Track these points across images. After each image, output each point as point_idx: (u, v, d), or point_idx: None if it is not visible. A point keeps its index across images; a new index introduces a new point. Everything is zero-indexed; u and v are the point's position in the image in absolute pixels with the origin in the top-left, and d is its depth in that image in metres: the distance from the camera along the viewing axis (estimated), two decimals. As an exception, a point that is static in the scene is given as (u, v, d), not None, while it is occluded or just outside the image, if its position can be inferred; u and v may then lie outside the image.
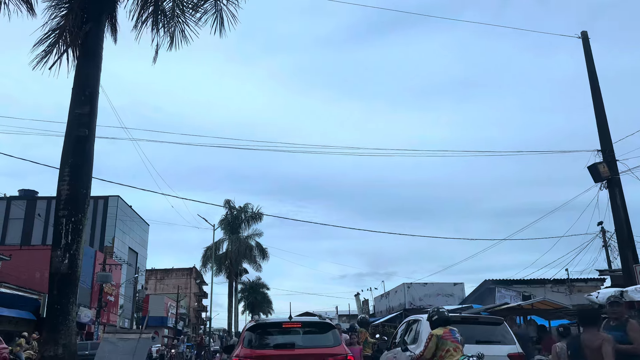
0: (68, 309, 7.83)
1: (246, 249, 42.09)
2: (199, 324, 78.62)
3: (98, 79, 9.13)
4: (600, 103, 15.80)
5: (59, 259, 7.92)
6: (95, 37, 9.19)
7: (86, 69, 8.99)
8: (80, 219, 8.22)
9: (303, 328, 7.38)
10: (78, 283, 8.13)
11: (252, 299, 57.29)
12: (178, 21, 11.93)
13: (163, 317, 57.43)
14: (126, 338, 12.64)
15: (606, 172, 15.04)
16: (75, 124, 8.59)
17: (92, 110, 8.76)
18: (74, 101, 8.75)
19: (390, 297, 38.29)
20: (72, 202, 8.21)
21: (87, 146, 8.61)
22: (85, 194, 8.46)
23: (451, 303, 30.47)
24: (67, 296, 7.87)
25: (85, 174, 8.52)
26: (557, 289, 26.55)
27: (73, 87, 8.89)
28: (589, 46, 17.03)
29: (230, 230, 42.76)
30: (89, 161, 8.68)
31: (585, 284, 27.56)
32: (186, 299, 71.67)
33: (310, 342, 7.15)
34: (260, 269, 44.16)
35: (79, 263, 8.14)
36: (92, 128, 8.75)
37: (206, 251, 41.90)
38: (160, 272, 78.51)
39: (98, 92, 9.05)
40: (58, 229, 8.09)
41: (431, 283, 34.36)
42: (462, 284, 33.60)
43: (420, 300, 32.78)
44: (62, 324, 7.71)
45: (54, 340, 7.59)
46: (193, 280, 79.59)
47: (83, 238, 8.28)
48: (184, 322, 67.20)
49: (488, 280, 27.25)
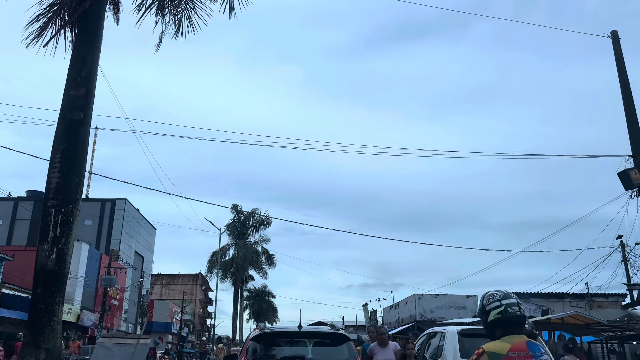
0: (53, 309, 7.03)
1: (253, 255, 41.29)
2: (203, 330, 77.67)
3: (97, 60, 8.42)
4: (631, 103, 14.92)
5: (46, 253, 7.14)
6: (95, 14, 8.48)
7: (84, 48, 8.28)
8: (71, 210, 7.45)
9: (314, 339, 6.63)
10: (66, 281, 7.33)
11: (257, 307, 56.38)
12: (186, 7, 11.27)
13: (168, 323, 56.65)
14: (123, 343, 11.84)
15: (638, 179, 14.11)
16: (70, 106, 7.86)
17: (88, 93, 8.03)
18: (69, 82, 8.03)
19: (400, 308, 37.20)
20: (63, 192, 7.44)
21: (81, 131, 7.86)
22: (78, 182, 7.69)
23: (464, 316, 29.38)
24: (53, 295, 7.08)
25: (79, 161, 7.77)
26: (576, 304, 25.44)
27: (69, 67, 8.17)
28: (619, 46, 16.21)
29: (237, 235, 42.01)
30: (83, 148, 7.92)
31: (606, 299, 26.46)
32: (191, 305, 70.84)
33: (323, 355, 6.39)
34: (266, 276, 43.37)
35: (68, 259, 7.36)
36: (87, 112, 8.01)
37: (212, 256, 41.15)
38: (166, 277, 77.89)
39: (96, 74, 8.34)
40: (46, 220, 7.32)
41: (443, 295, 33.27)
42: (475, 297, 32.44)
43: (432, 312, 31.69)
44: (46, 326, 6.91)
45: (36, 343, 6.78)
46: (199, 286, 78.83)
47: (74, 231, 7.50)
48: (188, 329, 66.30)
49: (504, 292, 26.16)
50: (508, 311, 2.96)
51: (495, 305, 3.02)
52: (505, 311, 2.97)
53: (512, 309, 2.98)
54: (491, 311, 3.01)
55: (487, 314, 3.03)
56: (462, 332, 7.99)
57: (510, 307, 2.98)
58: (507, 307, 2.99)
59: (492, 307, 3.02)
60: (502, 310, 2.98)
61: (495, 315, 3.00)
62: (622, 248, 27.92)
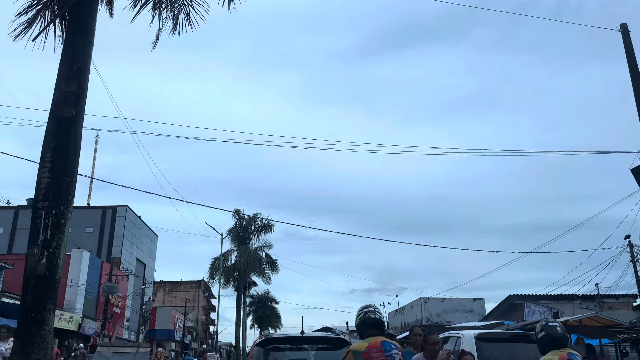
0: (44, 317, 6.57)
1: (255, 260, 40.77)
2: (206, 337, 77.05)
3: (89, 54, 8.00)
4: (644, 97, 14.46)
5: (36, 257, 6.69)
6: (87, 7, 8.06)
7: (75, 42, 7.86)
8: (63, 211, 7.01)
9: (316, 344, 6.88)
10: (57, 287, 6.87)
11: (260, 313, 55.82)
12: (183, 3, 10.91)
13: (170, 330, 56.08)
14: (122, 352, 11.35)
15: (654, 175, 13.64)
16: (61, 103, 7.43)
17: (80, 88, 7.61)
18: (60, 77, 7.61)
19: (406, 312, 36.66)
20: (54, 192, 7.01)
21: (73, 128, 7.43)
22: (70, 183, 7.25)
23: (471, 319, 28.86)
24: (44, 302, 6.62)
25: (71, 160, 7.33)
26: (586, 305, 24.93)
27: (60, 62, 7.75)
28: (629, 39, 15.79)
29: (239, 240, 41.51)
30: (76, 146, 7.49)
31: (617, 300, 25.96)
32: (194, 312, 70.28)
33: (324, 359, 6.54)
34: (269, 281, 42.79)
35: (60, 263, 6.90)
36: (80, 109, 7.59)
37: (214, 262, 40.63)
38: (169, 284, 77.39)
39: (89, 69, 7.92)
40: (36, 223, 6.87)
41: (449, 298, 32.79)
42: (482, 300, 32.03)
43: (438, 316, 31.21)
44: (37, 335, 6.45)
45: (25, 354, 6.32)
46: (201, 293, 78.28)
47: (66, 234, 7.06)
48: (191, 336, 65.70)
49: (513, 295, 25.76)
50: (366, 316, 3.98)
51: (359, 314, 4.05)
52: (364, 316, 3.98)
53: (369, 314, 3.99)
54: (357, 317, 4.05)
55: (356, 320, 4.08)
56: (479, 337, 7.52)
57: (368, 314, 4.00)
58: (365, 313, 4.02)
59: (357, 315, 4.06)
60: (361, 316, 4.01)
61: (358, 320, 4.03)
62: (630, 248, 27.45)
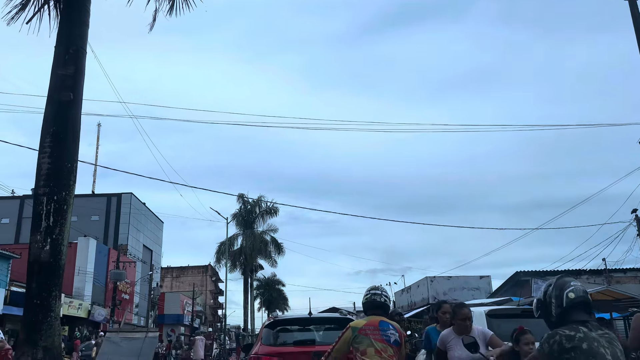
0: (50, 304, 6.51)
1: (261, 244, 40.89)
2: (215, 321, 77.88)
3: (85, 36, 7.81)
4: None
5: (39, 244, 6.60)
6: (81, -13, 7.87)
7: (70, 24, 7.67)
8: (65, 197, 6.90)
9: (323, 324, 7.19)
10: (62, 273, 6.80)
11: (267, 296, 56.22)
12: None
13: (179, 315, 56.71)
14: (130, 337, 11.36)
15: (664, 146, 13.41)
16: (58, 86, 7.27)
17: (77, 71, 7.44)
18: (56, 61, 7.43)
19: (412, 291, 36.79)
20: (55, 178, 6.89)
21: (72, 112, 7.28)
22: (71, 168, 7.13)
23: (478, 297, 28.91)
24: (49, 289, 6.55)
25: (71, 145, 7.20)
26: (593, 280, 24.90)
27: (56, 44, 7.57)
28: (637, 9, 15.37)
29: (244, 225, 41.59)
30: (75, 130, 7.35)
31: (624, 274, 25.91)
32: (202, 296, 70.90)
33: (331, 338, 6.40)
34: (275, 264, 42.98)
35: (64, 250, 6.82)
36: (78, 92, 7.43)
37: (220, 246, 40.78)
38: (176, 270, 77.97)
39: (85, 51, 7.73)
40: (38, 209, 6.77)
41: (455, 276, 32.80)
42: (489, 277, 31.99)
43: (445, 294, 31.23)
44: (43, 323, 6.39)
45: (33, 342, 6.27)
46: (209, 277, 78.89)
47: (68, 220, 6.97)
48: (200, 320, 66.40)
49: (520, 272, 25.75)
50: (372, 297, 4.31)
51: (366, 294, 4.37)
52: (371, 297, 4.32)
53: (375, 297, 4.32)
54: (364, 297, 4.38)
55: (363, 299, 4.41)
56: (490, 313, 7.42)
57: (374, 296, 4.33)
58: (372, 295, 4.34)
59: (365, 295, 4.38)
60: (368, 296, 4.34)
61: (364, 300, 4.37)
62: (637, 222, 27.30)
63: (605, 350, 2.57)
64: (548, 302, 2.88)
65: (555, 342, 2.65)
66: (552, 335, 2.71)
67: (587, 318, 2.75)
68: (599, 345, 2.58)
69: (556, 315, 2.81)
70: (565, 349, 2.60)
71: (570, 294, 2.79)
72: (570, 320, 2.74)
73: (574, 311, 2.76)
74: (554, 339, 2.68)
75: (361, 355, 3.93)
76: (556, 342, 2.64)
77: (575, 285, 2.86)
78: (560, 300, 2.81)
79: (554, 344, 2.65)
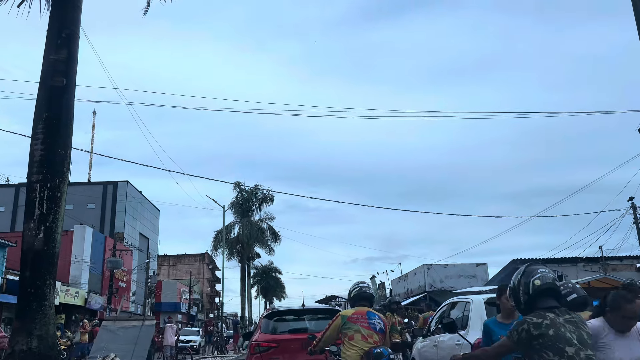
0: (44, 292, 6.42)
1: (258, 232, 40.88)
2: (212, 309, 78.19)
3: (78, 20, 7.64)
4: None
5: (32, 232, 6.50)
6: (73, -31, 7.67)
7: (63, 7, 7.49)
8: (58, 184, 6.78)
9: (315, 314, 7.94)
10: (56, 261, 6.70)
11: (265, 284, 56.38)
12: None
13: (176, 303, 56.86)
14: (127, 326, 11.32)
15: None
16: (50, 71, 7.12)
17: (70, 56, 7.27)
18: (48, 45, 7.26)
19: (409, 279, 36.89)
20: (48, 165, 6.77)
21: (64, 98, 7.13)
22: (64, 155, 7.00)
23: (474, 284, 29.00)
24: (43, 277, 6.46)
25: (64, 131, 7.06)
26: (589, 268, 24.97)
27: (48, 29, 7.39)
28: (638, -5, 15.23)
29: (241, 213, 41.54)
30: (68, 116, 7.20)
31: (621, 262, 25.98)
32: (199, 284, 71.06)
33: (322, 327, 7.02)
34: (272, 252, 43.04)
35: (58, 237, 6.71)
36: (70, 77, 7.27)
37: (217, 234, 40.74)
38: (173, 258, 78.01)
39: (78, 36, 7.56)
40: (31, 196, 6.65)
41: (452, 264, 32.87)
42: (485, 265, 32.04)
43: (442, 282, 31.34)
44: (37, 311, 6.31)
45: (27, 330, 6.19)
46: (206, 265, 78.99)
47: (62, 208, 6.85)
48: (197, 308, 66.62)
49: (516, 259, 25.73)
50: (361, 290, 4.85)
51: (354, 287, 4.91)
52: (360, 290, 4.85)
53: (364, 289, 4.86)
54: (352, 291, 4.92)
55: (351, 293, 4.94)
56: (489, 301, 7.39)
57: (363, 288, 4.87)
58: (361, 288, 4.88)
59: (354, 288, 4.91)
60: (357, 289, 4.86)
61: (354, 292, 4.87)
62: (633, 210, 27.37)
63: (572, 334, 2.68)
64: (517, 290, 2.96)
65: (524, 329, 2.73)
66: (520, 323, 2.80)
67: (555, 304, 2.84)
68: (566, 331, 2.69)
69: (524, 303, 2.89)
70: (533, 336, 2.70)
71: (536, 282, 2.86)
72: (538, 307, 2.82)
73: (541, 298, 2.84)
74: (522, 326, 2.76)
75: (349, 340, 4.45)
76: (524, 330, 2.73)
77: (543, 273, 2.92)
78: (527, 287, 2.88)
79: (522, 332, 2.74)
